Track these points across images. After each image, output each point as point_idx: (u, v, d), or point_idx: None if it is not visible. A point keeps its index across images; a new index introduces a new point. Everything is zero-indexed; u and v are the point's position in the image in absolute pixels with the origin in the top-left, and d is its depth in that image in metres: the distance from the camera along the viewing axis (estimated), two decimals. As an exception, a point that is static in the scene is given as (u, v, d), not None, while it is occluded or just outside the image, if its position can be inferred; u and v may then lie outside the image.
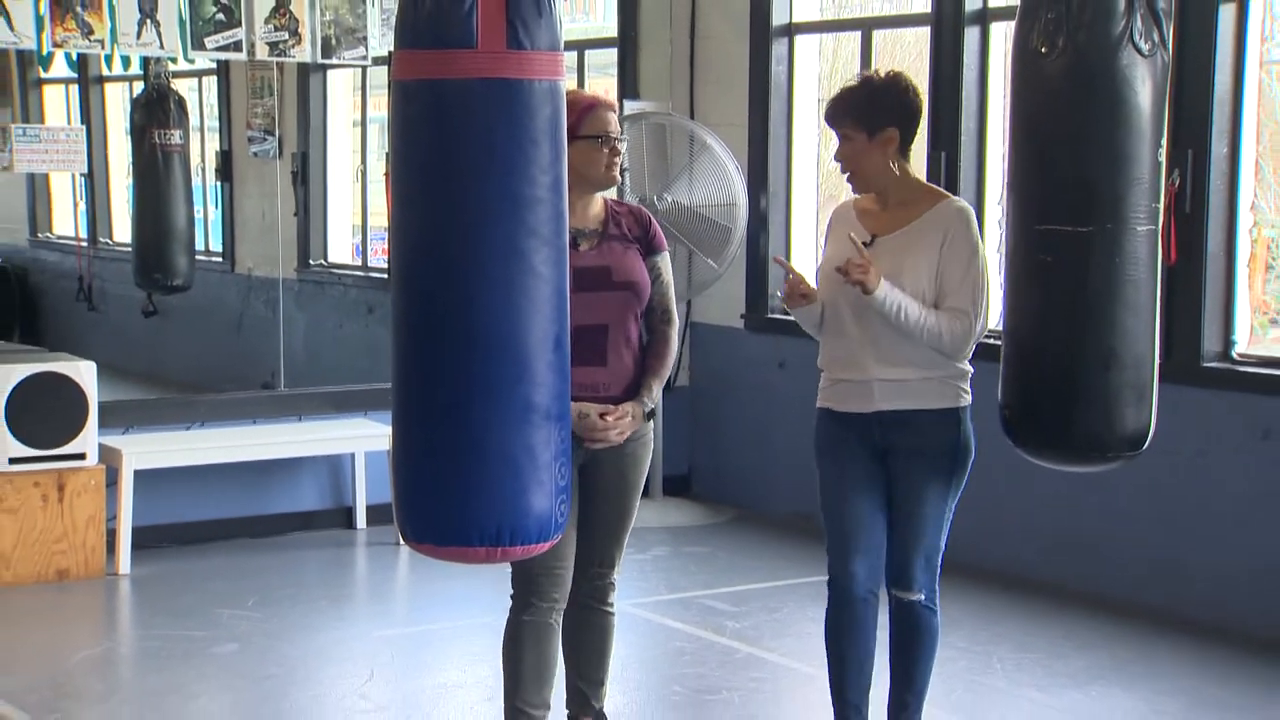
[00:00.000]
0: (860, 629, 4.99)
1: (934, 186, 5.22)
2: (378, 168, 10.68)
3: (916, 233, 4.88)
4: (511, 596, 4.98)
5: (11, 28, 7.70)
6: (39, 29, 7.76)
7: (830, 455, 5.05)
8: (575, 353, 4.32)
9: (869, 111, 4.84)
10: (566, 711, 5.28)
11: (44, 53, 8.69)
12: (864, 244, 4.81)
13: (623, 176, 8.69)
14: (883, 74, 4.98)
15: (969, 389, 5.00)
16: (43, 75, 11.74)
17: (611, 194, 5.36)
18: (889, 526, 4.97)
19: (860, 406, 4.91)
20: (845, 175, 4.97)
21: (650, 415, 5.00)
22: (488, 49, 4.00)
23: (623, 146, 4.99)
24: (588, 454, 4.83)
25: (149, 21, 8.00)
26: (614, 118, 4.96)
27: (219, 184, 11.31)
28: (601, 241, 4.94)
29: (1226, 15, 6.89)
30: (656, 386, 4.98)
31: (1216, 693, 6.27)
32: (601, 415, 4.78)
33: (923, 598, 4.96)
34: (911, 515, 4.93)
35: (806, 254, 9.10)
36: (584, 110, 4.84)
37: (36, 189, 12.80)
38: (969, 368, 5.00)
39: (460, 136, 4.07)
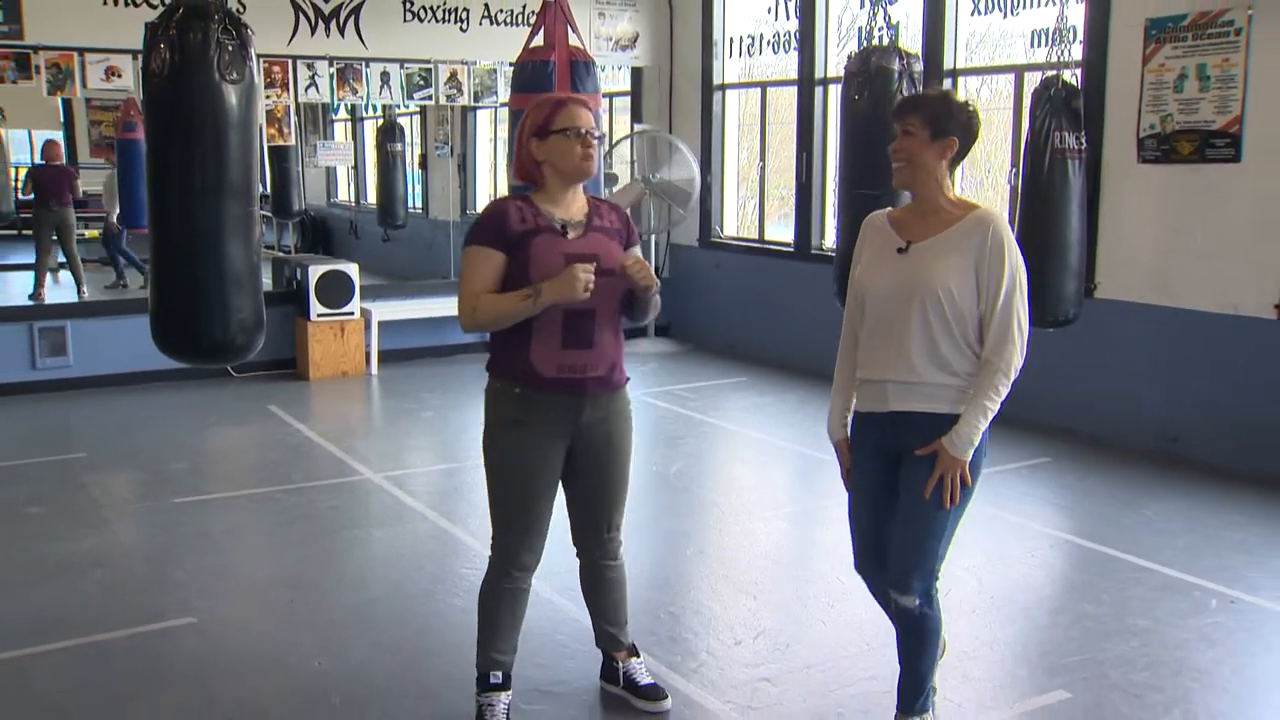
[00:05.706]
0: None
1: (967, 199, 2.81)
2: (502, 162, 10.58)
3: (954, 238, 2.71)
4: (491, 561, 3.02)
5: (318, 90, 7.80)
6: (331, 91, 7.85)
7: (855, 457, 2.88)
8: (564, 336, 2.83)
9: (940, 116, 2.73)
10: (600, 651, 3.29)
11: (334, 104, 8.94)
12: (899, 250, 2.76)
13: (632, 169, 8.62)
14: (959, 96, 2.85)
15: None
16: (334, 116, 11.71)
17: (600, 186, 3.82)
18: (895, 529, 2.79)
19: (876, 406, 2.78)
20: (897, 166, 2.77)
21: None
22: (561, 92, 3.93)
23: (596, 139, 2.86)
24: (577, 434, 2.93)
25: (385, 86, 8.00)
26: (585, 113, 2.87)
27: (420, 171, 11.26)
28: (587, 231, 2.89)
29: (949, 82, 6.87)
30: (641, 311, 2.99)
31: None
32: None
33: (917, 604, 2.76)
34: (913, 522, 2.73)
35: (729, 209, 8.95)
36: (554, 108, 2.87)
37: (329, 175, 12.79)
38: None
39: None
